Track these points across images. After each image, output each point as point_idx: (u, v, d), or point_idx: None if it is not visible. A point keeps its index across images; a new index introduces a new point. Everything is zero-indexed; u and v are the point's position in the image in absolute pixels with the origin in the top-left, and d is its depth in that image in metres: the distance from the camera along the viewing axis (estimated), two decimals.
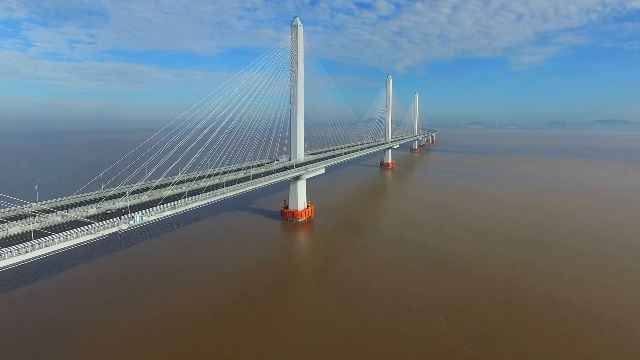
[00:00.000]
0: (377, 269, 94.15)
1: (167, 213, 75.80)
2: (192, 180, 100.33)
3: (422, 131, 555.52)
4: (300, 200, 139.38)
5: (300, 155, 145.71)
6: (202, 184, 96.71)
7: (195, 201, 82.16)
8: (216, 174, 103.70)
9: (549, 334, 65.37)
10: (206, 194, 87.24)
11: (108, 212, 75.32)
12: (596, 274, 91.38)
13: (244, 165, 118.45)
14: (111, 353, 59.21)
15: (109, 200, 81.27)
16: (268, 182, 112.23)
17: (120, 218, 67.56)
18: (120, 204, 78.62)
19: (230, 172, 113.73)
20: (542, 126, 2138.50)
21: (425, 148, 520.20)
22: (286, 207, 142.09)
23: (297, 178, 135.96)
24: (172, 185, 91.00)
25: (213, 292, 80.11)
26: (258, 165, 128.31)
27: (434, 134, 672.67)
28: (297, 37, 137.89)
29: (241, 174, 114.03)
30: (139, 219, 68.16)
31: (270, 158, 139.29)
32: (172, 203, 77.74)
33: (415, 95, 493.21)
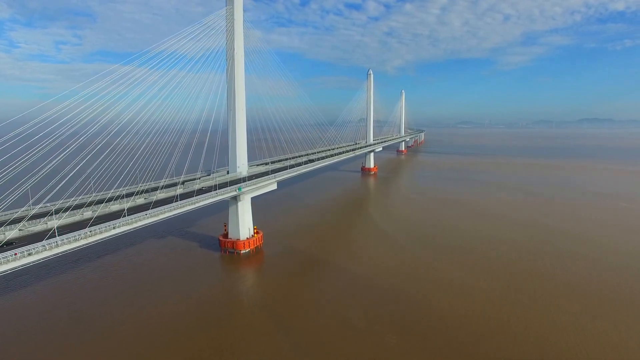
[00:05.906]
0: (332, 351, 61.40)
1: None
2: (46, 214, 64.18)
3: (409, 131, 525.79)
4: (243, 226, 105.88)
5: (242, 167, 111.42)
6: (68, 218, 62.72)
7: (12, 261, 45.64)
8: (97, 202, 69.70)
9: None
10: (47, 241, 51.78)
11: None
12: None
13: (144, 186, 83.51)
14: None
15: None
16: (161, 217, 74.94)
17: None
18: None
19: (118, 198, 78.23)
20: (530, 125, 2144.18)
21: (413, 149, 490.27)
22: (226, 235, 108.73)
23: (236, 198, 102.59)
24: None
25: None
26: (171, 185, 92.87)
27: (423, 134, 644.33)
28: (233, 7, 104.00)
29: (141, 199, 79.47)
30: None
31: (197, 172, 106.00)
32: None
33: (401, 93, 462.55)
